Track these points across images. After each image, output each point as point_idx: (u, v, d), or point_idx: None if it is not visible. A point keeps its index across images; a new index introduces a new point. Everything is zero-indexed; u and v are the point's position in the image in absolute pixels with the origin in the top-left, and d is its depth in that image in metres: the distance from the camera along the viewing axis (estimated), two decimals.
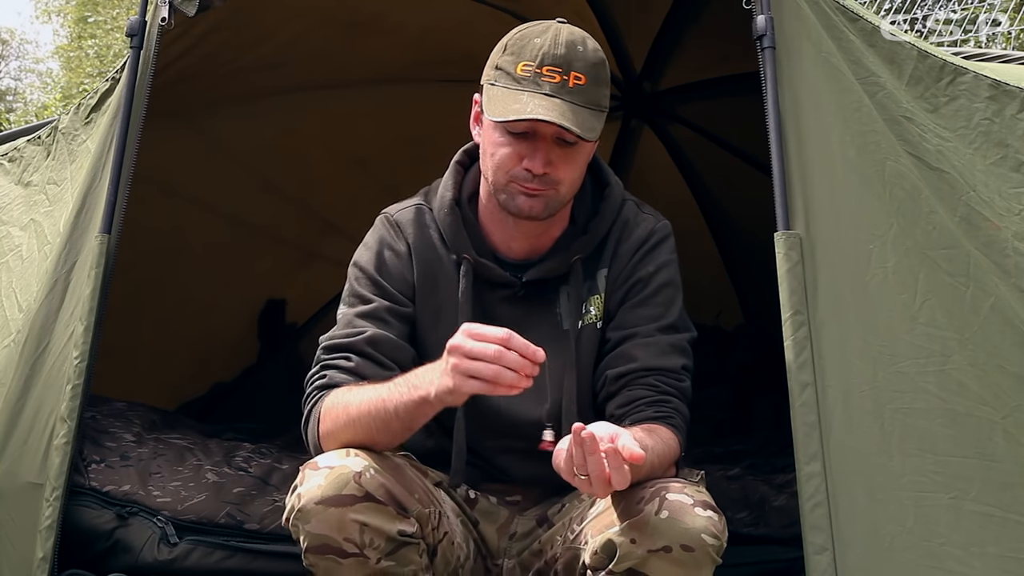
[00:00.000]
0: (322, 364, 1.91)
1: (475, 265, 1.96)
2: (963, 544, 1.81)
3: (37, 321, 2.45)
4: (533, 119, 1.79)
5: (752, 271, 4.38)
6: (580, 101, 1.81)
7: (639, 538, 1.67)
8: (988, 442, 1.87)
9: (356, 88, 3.71)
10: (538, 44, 1.83)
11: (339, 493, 1.68)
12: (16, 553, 2.28)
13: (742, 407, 3.70)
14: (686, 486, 1.72)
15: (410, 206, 2.05)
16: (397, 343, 1.93)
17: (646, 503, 1.68)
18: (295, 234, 4.11)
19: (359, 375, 1.87)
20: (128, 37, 2.49)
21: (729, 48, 2.84)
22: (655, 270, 1.97)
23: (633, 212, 2.02)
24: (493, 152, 1.88)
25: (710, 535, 1.66)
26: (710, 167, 4.34)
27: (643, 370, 1.91)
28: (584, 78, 1.82)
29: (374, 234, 2.04)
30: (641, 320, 1.95)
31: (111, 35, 14.70)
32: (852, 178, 2.01)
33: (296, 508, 1.70)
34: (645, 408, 1.88)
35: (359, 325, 1.93)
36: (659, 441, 1.79)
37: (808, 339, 1.90)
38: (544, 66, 1.81)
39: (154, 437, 2.97)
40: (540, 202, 1.87)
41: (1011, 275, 1.98)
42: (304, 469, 1.74)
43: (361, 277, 1.99)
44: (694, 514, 1.67)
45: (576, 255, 1.97)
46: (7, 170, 2.93)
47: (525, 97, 1.81)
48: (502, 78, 1.85)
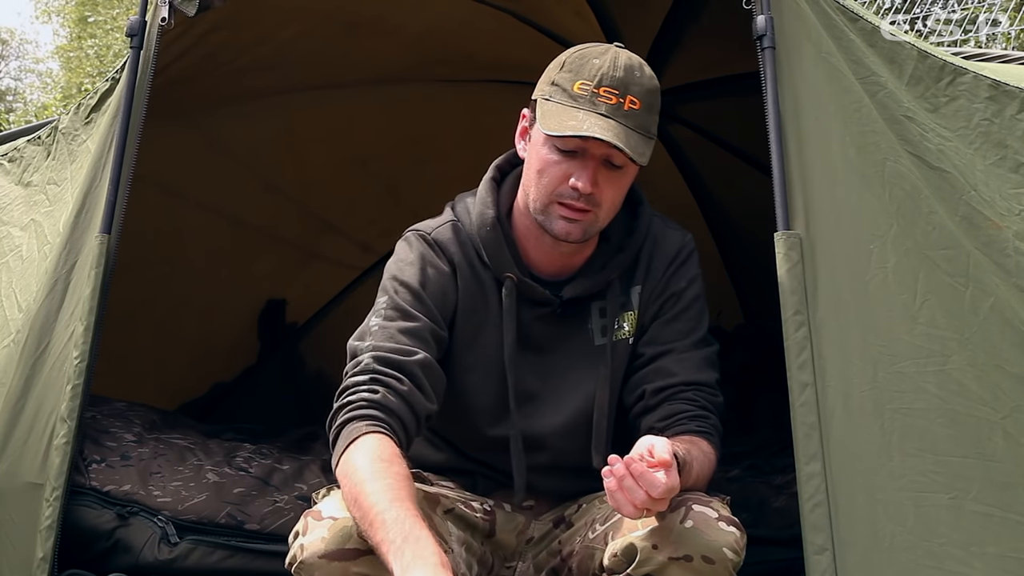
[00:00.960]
0: (374, 376, 1.84)
1: (518, 284, 1.96)
2: (963, 544, 1.81)
3: (37, 321, 2.45)
4: (589, 136, 1.79)
5: (752, 271, 4.38)
6: (633, 125, 1.83)
7: (661, 544, 1.69)
8: (988, 442, 1.87)
9: (356, 88, 3.70)
10: (597, 64, 1.84)
11: (342, 547, 1.67)
12: (16, 553, 2.28)
13: (742, 407, 3.70)
14: (712, 500, 1.74)
15: (446, 223, 2.02)
16: (440, 373, 1.91)
17: (671, 511, 1.70)
18: (295, 234, 4.10)
19: (409, 403, 1.83)
20: (128, 37, 2.49)
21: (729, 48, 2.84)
22: (687, 284, 2.00)
23: (660, 227, 2.04)
24: (541, 168, 1.88)
25: (731, 550, 1.69)
26: (710, 167, 4.33)
27: (683, 384, 1.94)
28: (639, 103, 1.84)
29: (412, 251, 1.99)
30: (676, 335, 1.98)
31: (111, 35, 14.70)
32: (852, 178, 2.01)
33: (299, 560, 1.69)
34: (687, 422, 1.90)
35: (405, 342, 1.88)
36: (701, 454, 1.83)
37: (808, 339, 1.90)
38: (602, 87, 1.83)
39: (155, 437, 2.97)
40: (578, 228, 1.87)
41: (1012, 275, 1.98)
42: (307, 517, 1.73)
43: (403, 291, 1.94)
44: (718, 528, 1.69)
45: (613, 273, 1.99)
46: (7, 170, 2.93)
47: (581, 115, 1.81)
48: (558, 94, 1.86)
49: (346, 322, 2.04)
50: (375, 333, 1.89)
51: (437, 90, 3.82)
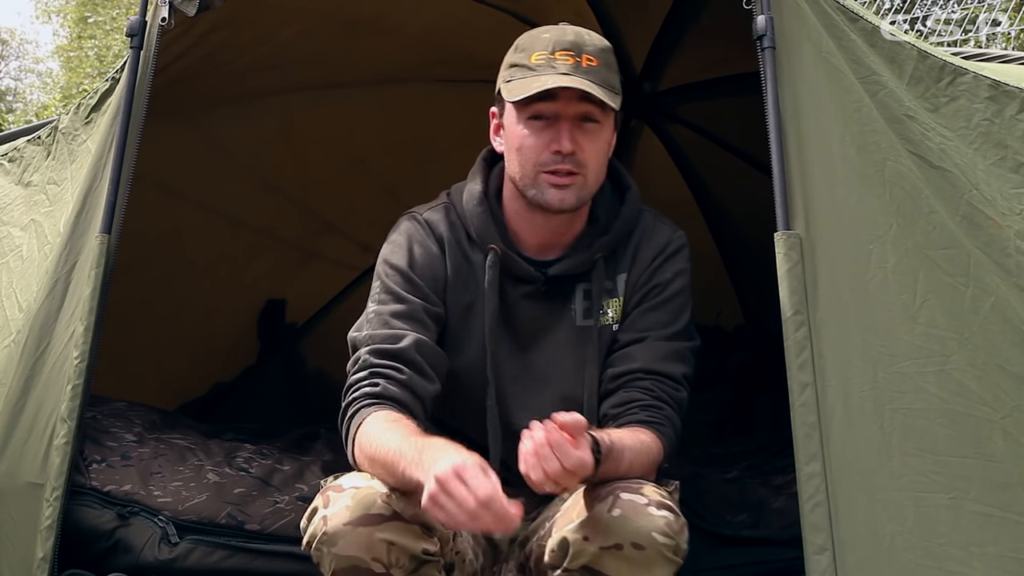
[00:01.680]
0: (372, 370, 1.88)
1: (502, 257, 1.98)
2: (963, 544, 1.81)
3: (37, 321, 2.45)
4: (556, 88, 1.84)
5: (752, 271, 4.37)
6: (595, 80, 1.88)
7: (592, 535, 1.70)
8: (988, 442, 1.87)
9: (356, 88, 3.71)
10: (547, 37, 1.92)
11: (367, 512, 1.69)
12: (16, 553, 2.28)
13: (742, 407, 3.70)
14: (644, 486, 1.74)
15: (438, 205, 2.07)
16: (437, 350, 1.94)
17: (599, 501, 1.72)
18: (295, 234, 4.10)
19: (410, 389, 1.87)
20: (128, 37, 2.49)
21: (729, 48, 2.84)
22: (672, 276, 2.01)
23: (652, 220, 2.06)
24: (519, 145, 1.92)
25: (662, 534, 1.68)
26: (710, 167, 4.33)
27: (641, 372, 1.94)
28: (596, 60, 1.90)
29: (402, 232, 2.04)
30: (652, 325, 1.99)
31: (111, 35, 14.72)
32: (852, 178, 2.01)
33: (322, 531, 1.69)
34: (638, 411, 1.90)
35: (398, 327, 1.92)
36: (639, 443, 1.82)
37: (808, 339, 1.90)
38: (557, 51, 1.89)
39: (155, 437, 2.96)
40: (571, 192, 1.90)
41: (1012, 275, 1.98)
42: (326, 492, 1.73)
43: (393, 274, 1.99)
44: (647, 513, 1.69)
45: (598, 253, 2.00)
46: (7, 170, 2.93)
47: (544, 77, 1.87)
48: (518, 71, 1.92)
49: (346, 322, 2.04)
50: (371, 321, 1.95)
51: (437, 90, 3.83)
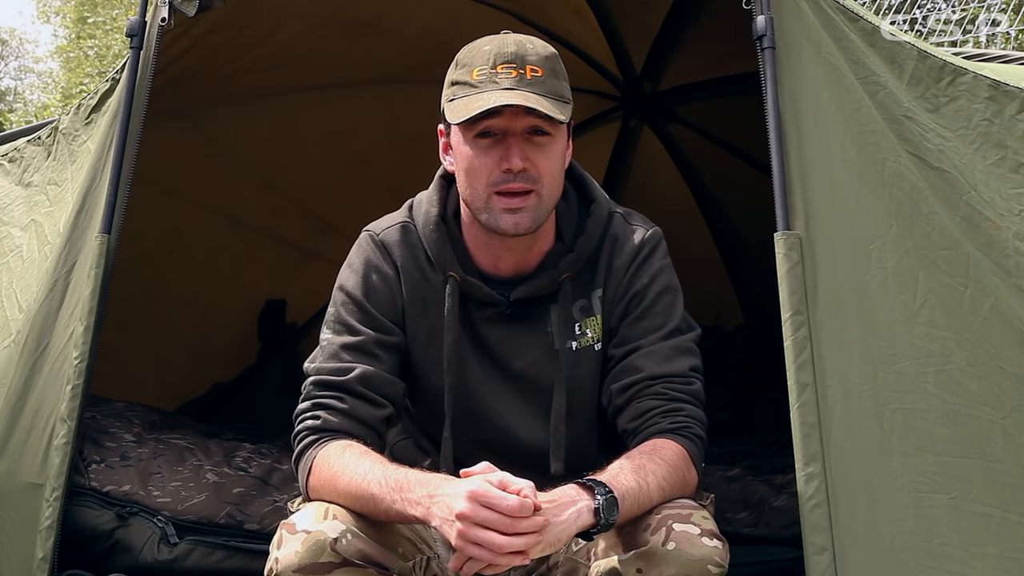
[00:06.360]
0: (314, 402, 1.87)
1: (461, 283, 1.92)
2: (963, 544, 1.81)
3: (37, 321, 2.45)
4: (498, 107, 1.76)
5: (752, 271, 4.38)
6: (541, 91, 1.80)
7: (646, 568, 1.67)
8: (988, 442, 1.87)
9: (356, 88, 3.71)
10: (487, 49, 1.83)
11: (315, 561, 1.66)
12: (16, 553, 2.28)
13: (742, 407, 3.70)
14: (693, 514, 1.71)
15: (396, 224, 1.99)
16: (388, 378, 1.90)
17: (652, 532, 1.68)
18: (295, 234, 4.11)
19: (353, 417, 1.85)
20: (128, 37, 2.49)
21: (729, 48, 2.84)
22: (650, 280, 1.94)
23: (621, 226, 1.98)
24: (467, 166, 1.84)
25: (714, 564, 1.66)
26: (710, 167, 4.33)
27: (648, 379, 1.88)
28: (540, 70, 1.81)
29: (360, 255, 1.98)
30: (643, 333, 1.92)
31: (111, 35, 14.72)
32: (852, 178, 2.01)
33: (275, 573, 1.68)
34: (659, 420, 1.85)
35: (347, 360, 1.89)
36: (662, 464, 1.76)
37: (808, 339, 1.90)
38: (499, 65, 1.80)
39: (154, 437, 2.97)
40: (526, 216, 1.83)
41: (1012, 275, 1.98)
42: (282, 529, 1.71)
43: (348, 303, 1.94)
44: (701, 544, 1.66)
45: (564, 274, 1.93)
46: (7, 171, 2.93)
47: (486, 95, 1.79)
48: (460, 90, 1.84)
49: None
50: (323, 350, 1.93)
51: (437, 90, 3.81)
